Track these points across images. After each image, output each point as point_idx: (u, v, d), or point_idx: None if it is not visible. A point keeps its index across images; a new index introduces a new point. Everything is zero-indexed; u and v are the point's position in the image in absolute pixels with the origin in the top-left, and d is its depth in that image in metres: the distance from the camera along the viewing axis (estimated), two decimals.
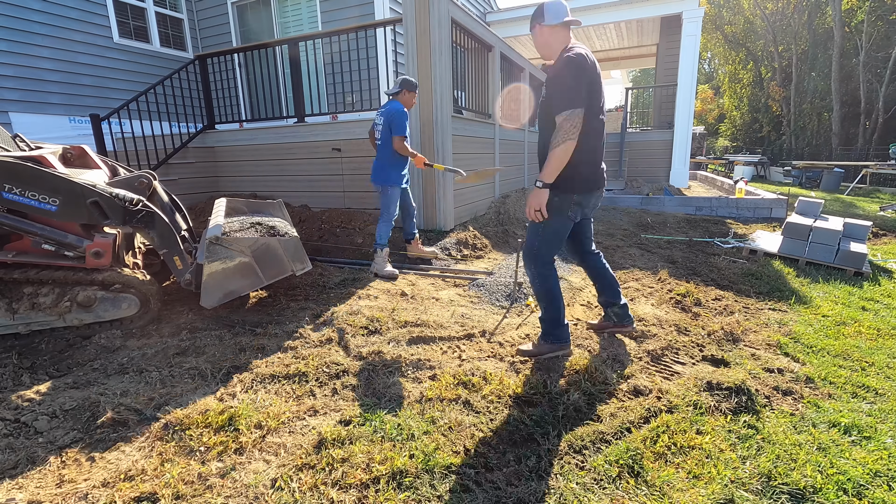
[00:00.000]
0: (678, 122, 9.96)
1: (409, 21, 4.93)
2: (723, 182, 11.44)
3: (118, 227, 2.93)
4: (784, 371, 2.51)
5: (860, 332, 3.07)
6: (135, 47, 7.96)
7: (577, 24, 2.28)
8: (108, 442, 1.90)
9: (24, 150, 3.01)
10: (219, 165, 6.93)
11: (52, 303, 2.78)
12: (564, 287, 3.92)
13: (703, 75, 33.01)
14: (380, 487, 1.63)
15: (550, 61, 2.35)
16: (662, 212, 8.13)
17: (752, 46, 25.37)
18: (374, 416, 2.03)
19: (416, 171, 5.29)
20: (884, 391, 2.32)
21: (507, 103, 7.41)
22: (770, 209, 7.55)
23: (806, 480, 1.69)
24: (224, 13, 8.52)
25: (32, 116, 6.74)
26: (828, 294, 3.84)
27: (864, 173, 12.92)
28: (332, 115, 6.17)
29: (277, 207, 4.29)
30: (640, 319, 3.17)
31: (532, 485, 1.66)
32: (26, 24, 6.62)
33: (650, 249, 5.33)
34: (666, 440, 1.90)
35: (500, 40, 6.63)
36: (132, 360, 2.60)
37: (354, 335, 2.88)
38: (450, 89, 5.02)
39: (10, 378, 2.38)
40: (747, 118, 26.57)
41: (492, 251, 5.08)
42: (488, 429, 1.97)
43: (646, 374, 2.46)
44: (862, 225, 5.01)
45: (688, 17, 9.66)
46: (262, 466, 1.74)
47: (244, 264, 3.01)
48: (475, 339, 2.88)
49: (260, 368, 2.44)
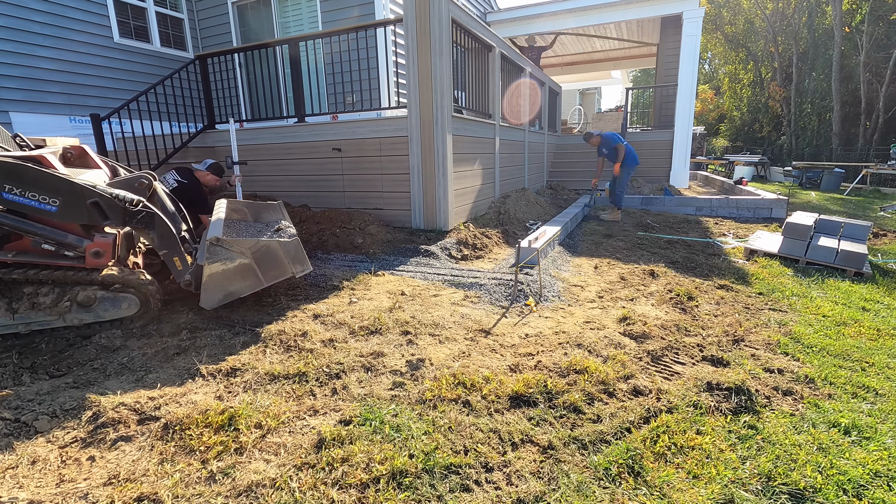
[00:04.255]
0: (678, 123, 9.96)
1: (409, 21, 4.93)
2: (723, 182, 11.44)
3: (118, 228, 2.93)
4: (784, 371, 2.51)
5: (860, 332, 3.07)
6: (135, 47, 7.97)
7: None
8: (108, 441, 1.90)
9: (24, 150, 3.01)
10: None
11: (52, 302, 2.78)
12: (563, 284, 3.92)
13: (704, 75, 32.99)
14: (380, 487, 1.63)
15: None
16: (663, 212, 8.13)
17: (753, 46, 25.36)
18: (374, 416, 2.03)
19: (416, 171, 5.30)
20: (884, 391, 2.32)
21: (508, 103, 7.42)
22: (770, 209, 7.55)
23: (806, 480, 1.69)
24: (224, 13, 8.52)
25: (33, 116, 6.75)
26: (828, 294, 3.84)
27: (864, 173, 12.91)
28: (332, 115, 6.17)
29: (278, 209, 4.29)
30: (641, 319, 3.17)
31: (532, 485, 1.67)
32: (27, 24, 6.62)
33: (650, 249, 5.33)
34: (666, 440, 1.90)
35: (500, 40, 6.63)
36: (132, 359, 2.60)
37: (354, 335, 2.88)
38: (450, 89, 5.02)
39: (10, 377, 2.38)
40: (747, 118, 26.55)
41: (492, 251, 5.08)
42: (488, 429, 1.97)
43: (646, 374, 2.46)
44: (862, 225, 5.01)
45: (688, 17, 9.66)
46: (262, 466, 1.75)
47: (244, 266, 3.01)
48: (475, 338, 2.89)
49: (260, 368, 2.44)
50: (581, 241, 5.83)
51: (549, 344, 2.81)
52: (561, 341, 2.84)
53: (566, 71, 17.15)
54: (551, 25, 11.18)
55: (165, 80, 6.14)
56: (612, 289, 3.90)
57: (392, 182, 5.58)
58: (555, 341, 2.84)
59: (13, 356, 2.58)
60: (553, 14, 10.90)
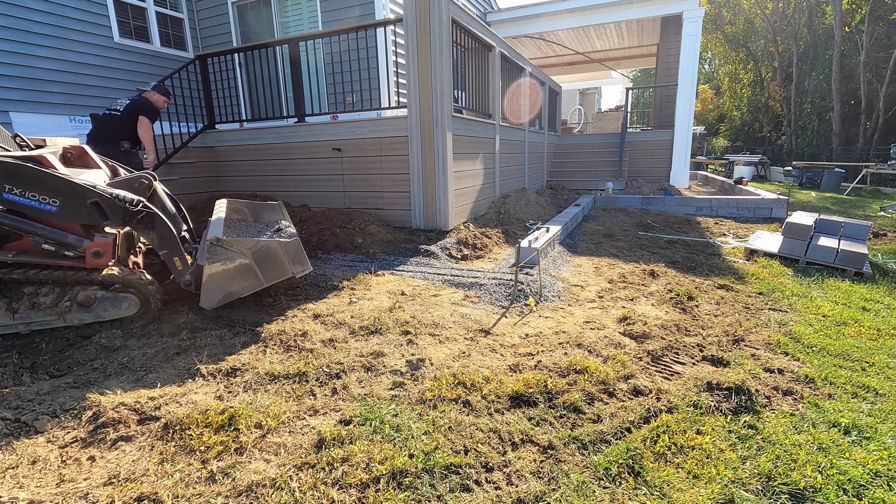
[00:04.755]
0: (678, 122, 9.97)
1: (409, 21, 4.93)
2: (723, 182, 11.45)
3: (118, 228, 2.93)
4: (784, 371, 2.51)
5: (860, 332, 3.07)
6: (135, 47, 7.96)
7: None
8: (108, 441, 1.90)
9: (24, 150, 3.01)
10: (219, 165, 6.94)
11: (53, 302, 2.78)
12: (563, 284, 3.93)
13: (704, 75, 32.99)
14: (380, 487, 1.63)
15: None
16: (663, 212, 8.13)
17: (753, 46, 25.36)
18: (375, 415, 2.03)
19: (416, 170, 5.29)
20: (884, 391, 2.32)
21: (508, 103, 7.42)
22: (770, 209, 7.55)
23: (806, 480, 1.69)
24: (224, 13, 8.52)
25: (33, 116, 6.74)
26: (828, 294, 3.84)
27: (864, 173, 12.91)
28: (332, 115, 6.17)
29: (278, 209, 4.29)
30: (641, 319, 3.17)
31: (532, 484, 1.67)
32: (27, 24, 6.62)
33: (650, 249, 5.33)
34: (666, 440, 1.90)
35: (500, 40, 6.63)
36: (132, 359, 2.60)
37: (355, 335, 2.88)
38: (450, 89, 5.02)
39: (10, 377, 2.38)
40: (747, 118, 26.55)
41: (492, 251, 5.08)
42: (488, 428, 1.97)
43: (646, 374, 2.46)
44: (862, 225, 5.01)
45: (688, 17, 9.66)
46: (262, 466, 1.75)
47: (244, 266, 3.01)
48: (475, 338, 2.89)
49: (260, 368, 2.44)
50: (581, 240, 5.83)
51: (549, 344, 2.81)
52: (561, 341, 2.84)
53: (566, 71, 17.15)
54: (551, 25, 11.18)
55: (165, 79, 6.14)
56: (613, 289, 3.90)
57: (392, 182, 5.58)
58: (555, 341, 2.84)
59: (13, 356, 2.58)
60: (553, 14, 10.91)
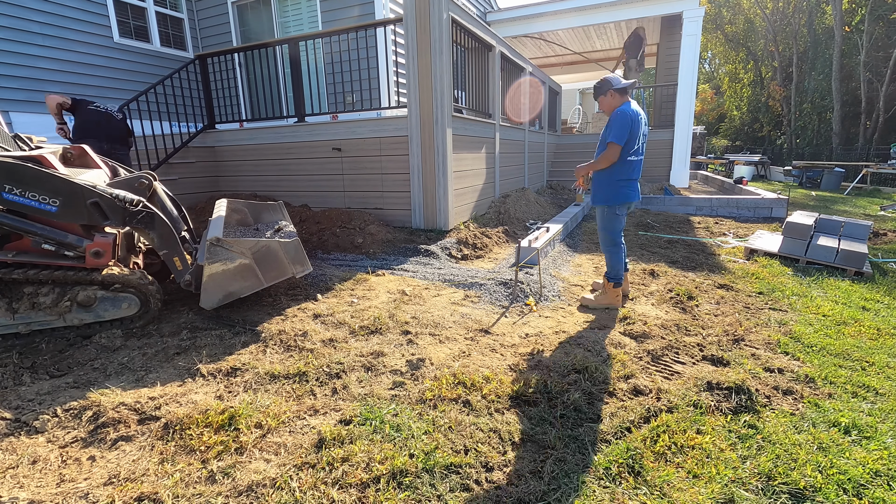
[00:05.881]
0: (678, 122, 9.96)
1: (409, 20, 4.93)
2: (723, 181, 11.44)
3: (118, 228, 2.93)
4: (784, 370, 2.51)
5: (860, 331, 3.07)
6: (135, 47, 7.96)
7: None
8: (108, 441, 1.90)
9: (24, 150, 3.01)
10: (219, 165, 6.94)
11: (53, 302, 2.78)
12: (563, 283, 3.92)
13: (704, 75, 33.00)
14: (380, 487, 1.63)
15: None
16: (663, 211, 8.13)
17: (753, 46, 25.37)
18: (375, 415, 2.03)
19: (416, 170, 5.30)
20: (884, 391, 2.32)
21: (508, 103, 7.41)
22: (770, 209, 7.55)
23: (806, 480, 1.69)
24: (224, 13, 8.51)
25: (33, 116, 6.74)
26: (828, 293, 3.83)
27: (864, 173, 12.91)
28: (332, 114, 6.17)
29: (278, 209, 4.29)
30: (641, 319, 3.17)
31: (532, 484, 1.67)
32: (26, 24, 6.61)
33: (651, 249, 5.33)
34: (666, 440, 1.90)
35: (500, 40, 6.63)
36: (132, 359, 2.60)
37: (355, 335, 2.88)
38: (450, 88, 5.02)
39: (10, 377, 2.38)
40: (747, 118, 26.56)
41: (492, 251, 5.08)
42: (488, 428, 1.97)
43: (646, 374, 2.46)
44: (862, 224, 5.01)
45: (688, 16, 9.65)
46: (262, 466, 1.75)
47: (244, 266, 3.01)
48: (475, 338, 2.89)
49: (260, 368, 2.44)
50: (581, 240, 5.83)
51: (549, 343, 2.81)
52: (561, 340, 2.84)
53: (566, 71, 17.14)
54: (551, 25, 11.17)
55: (165, 79, 6.14)
56: None
57: (392, 182, 5.58)
58: (555, 341, 2.84)
59: (13, 356, 2.58)
60: (553, 14, 10.90)
